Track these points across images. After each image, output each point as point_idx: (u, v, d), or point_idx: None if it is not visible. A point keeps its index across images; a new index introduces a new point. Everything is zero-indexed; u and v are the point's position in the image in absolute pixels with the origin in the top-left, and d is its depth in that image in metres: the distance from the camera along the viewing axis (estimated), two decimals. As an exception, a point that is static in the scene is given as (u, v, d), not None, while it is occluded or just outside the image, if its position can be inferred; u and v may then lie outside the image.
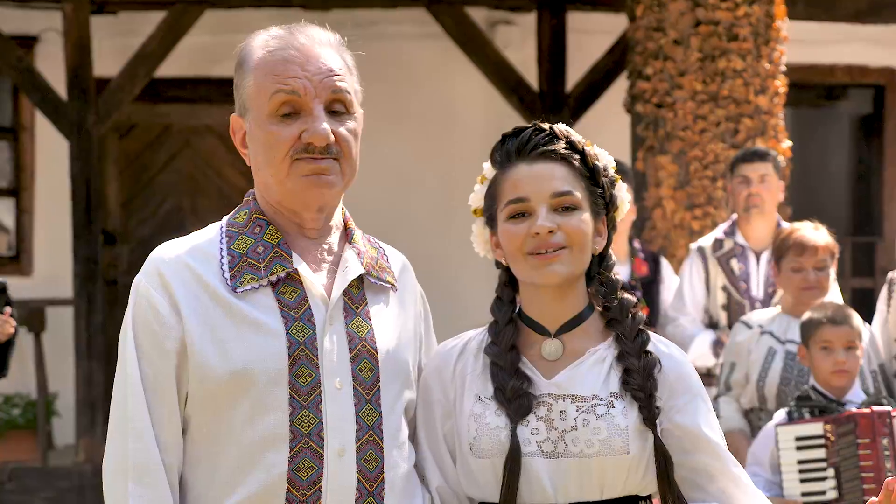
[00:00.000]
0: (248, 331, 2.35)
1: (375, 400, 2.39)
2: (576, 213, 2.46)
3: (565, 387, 2.45)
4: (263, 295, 2.38)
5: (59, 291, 9.07)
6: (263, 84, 2.40)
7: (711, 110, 6.89)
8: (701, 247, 6.05)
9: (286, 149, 2.38)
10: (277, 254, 2.41)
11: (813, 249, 4.96)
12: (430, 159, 9.48)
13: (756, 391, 4.96)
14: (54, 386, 9.02)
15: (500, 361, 2.48)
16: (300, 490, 2.31)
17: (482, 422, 2.44)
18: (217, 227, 2.48)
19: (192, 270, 2.39)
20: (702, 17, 6.91)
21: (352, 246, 2.49)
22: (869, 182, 10.58)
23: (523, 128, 2.53)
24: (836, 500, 4.22)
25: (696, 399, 2.51)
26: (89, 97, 8.22)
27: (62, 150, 8.75)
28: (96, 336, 8.24)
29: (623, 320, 2.51)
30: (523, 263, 2.47)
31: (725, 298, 5.93)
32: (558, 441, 2.42)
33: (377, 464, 2.37)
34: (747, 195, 5.89)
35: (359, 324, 2.43)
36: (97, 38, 8.52)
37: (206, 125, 9.88)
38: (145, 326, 2.37)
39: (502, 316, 2.54)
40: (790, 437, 4.33)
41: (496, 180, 2.53)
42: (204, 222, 9.34)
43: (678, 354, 2.55)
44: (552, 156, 2.48)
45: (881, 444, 4.12)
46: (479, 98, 9.64)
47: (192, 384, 2.36)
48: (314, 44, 2.43)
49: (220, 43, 9.51)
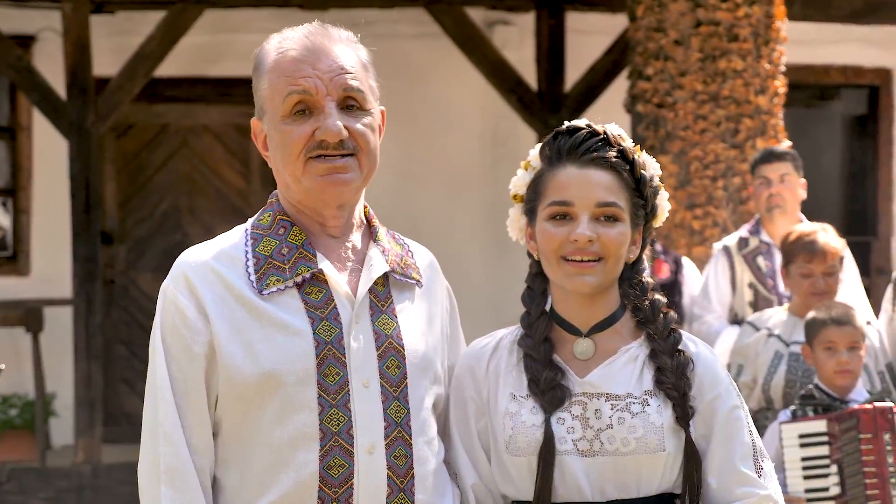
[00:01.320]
0: (276, 332, 2.36)
1: (403, 397, 2.41)
2: (617, 224, 2.46)
3: (599, 385, 2.46)
4: (289, 296, 2.40)
5: (57, 291, 9.07)
6: (277, 85, 2.42)
7: (712, 110, 6.90)
8: (726, 245, 6.04)
9: (300, 147, 2.40)
10: (302, 254, 2.42)
11: (822, 255, 4.96)
12: (429, 159, 9.50)
13: (762, 393, 4.98)
14: (52, 386, 9.01)
15: (534, 353, 2.49)
16: (332, 488, 2.33)
17: (518, 420, 2.45)
18: (242, 230, 2.50)
19: (219, 274, 2.41)
20: (702, 18, 6.93)
21: (376, 244, 2.51)
22: (863, 182, 10.61)
23: (577, 127, 2.52)
24: (839, 495, 4.23)
25: (724, 397, 2.52)
26: (89, 97, 8.21)
27: (60, 149, 8.75)
28: (95, 336, 8.23)
29: (655, 320, 2.51)
30: (556, 267, 2.48)
31: (752, 295, 5.93)
32: (594, 439, 2.43)
33: (407, 460, 2.39)
34: (768, 196, 5.89)
35: (385, 321, 2.44)
36: (95, 38, 8.52)
37: (203, 125, 9.88)
38: (174, 331, 2.39)
39: (535, 307, 2.55)
40: (794, 434, 4.35)
41: (542, 176, 2.52)
42: (201, 222, 9.36)
43: (707, 353, 2.56)
44: (602, 163, 2.47)
45: (883, 439, 4.14)
46: (477, 98, 9.66)
47: (221, 386, 2.37)
48: (327, 42, 2.44)
49: (218, 43, 9.54)
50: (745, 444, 2.49)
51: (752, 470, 2.47)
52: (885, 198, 10.46)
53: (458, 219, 9.72)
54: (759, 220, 6.02)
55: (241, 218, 10.35)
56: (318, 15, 9.38)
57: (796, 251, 5.03)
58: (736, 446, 2.48)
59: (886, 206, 10.46)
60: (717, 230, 6.86)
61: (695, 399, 2.47)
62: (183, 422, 2.35)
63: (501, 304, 8.71)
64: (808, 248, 4.99)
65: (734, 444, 2.48)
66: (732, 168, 6.91)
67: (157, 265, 9.74)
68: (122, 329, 9.61)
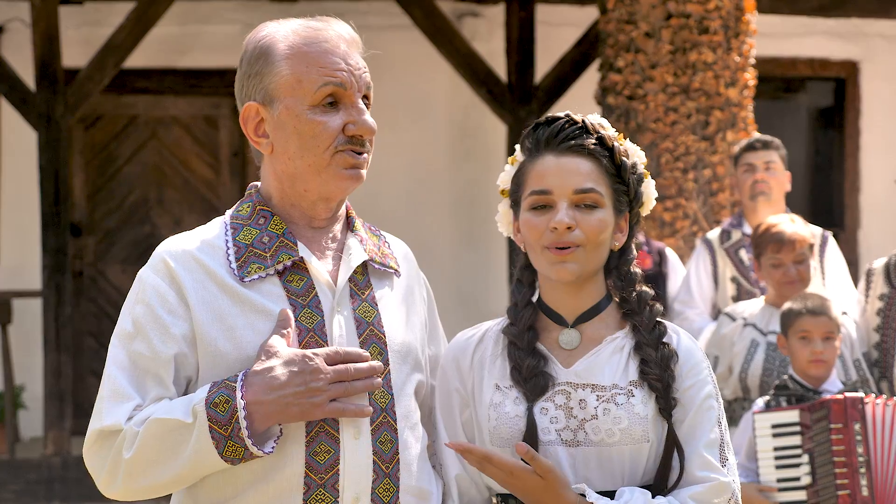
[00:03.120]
0: (257, 318, 2.37)
1: (386, 383, 2.43)
2: (596, 210, 2.47)
3: (584, 376, 2.47)
4: (271, 284, 2.41)
5: (26, 283, 9.03)
6: (307, 74, 2.41)
7: (682, 102, 6.93)
8: (708, 239, 6.00)
9: (331, 140, 2.41)
10: (283, 243, 2.44)
11: (790, 244, 5.01)
12: (399, 150, 9.50)
13: (739, 382, 5.01)
14: (21, 378, 8.97)
15: (518, 341, 2.50)
16: (318, 474, 2.34)
17: (501, 410, 2.46)
18: (220, 222, 2.51)
19: (200, 262, 2.41)
20: (673, 10, 6.96)
21: (354, 234, 2.53)
22: (829, 174, 10.68)
23: (556, 117, 2.53)
24: (809, 485, 4.26)
25: (700, 386, 2.51)
26: (58, 88, 8.17)
27: (29, 140, 8.71)
28: (64, 328, 8.19)
29: (641, 312, 2.52)
30: (540, 256, 2.49)
31: (735, 289, 5.87)
32: (578, 429, 2.43)
33: (392, 445, 2.40)
34: (753, 182, 5.83)
35: (366, 309, 2.46)
36: (63, 29, 8.47)
37: (172, 116, 9.85)
38: (148, 313, 2.38)
39: (521, 298, 2.55)
40: (767, 424, 4.38)
41: (523, 167, 2.54)
42: (170, 213, 9.30)
43: (689, 342, 2.56)
44: (580, 150, 2.48)
45: (853, 429, 4.17)
46: (446, 89, 9.67)
47: (203, 370, 2.37)
48: (348, 39, 2.47)
49: (187, 34, 9.51)
50: (714, 432, 2.49)
51: (716, 458, 2.47)
52: (852, 190, 10.53)
53: (426, 210, 9.73)
54: (741, 212, 5.98)
55: (210, 209, 10.28)
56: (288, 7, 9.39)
57: (765, 242, 5.07)
58: (704, 433, 2.48)
59: (852, 198, 10.53)
60: (687, 222, 6.89)
61: (676, 391, 2.48)
62: (135, 387, 2.34)
63: (470, 295, 8.75)
64: (776, 239, 5.03)
65: (702, 432, 2.48)
66: (703, 160, 6.94)
67: (126, 257, 9.71)
68: (91, 321, 9.57)
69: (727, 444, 2.51)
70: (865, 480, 4.13)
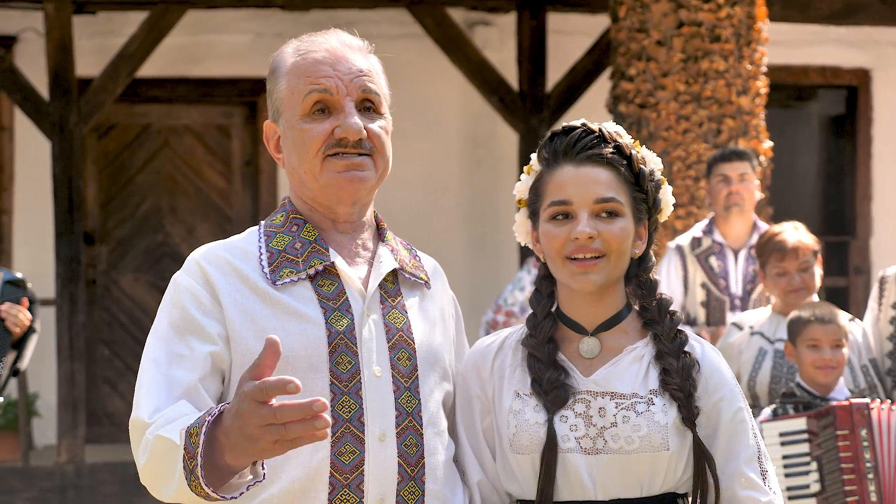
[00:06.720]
0: (288, 320, 2.41)
1: (414, 388, 2.45)
2: (617, 219, 2.47)
3: (604, 384, 2.47)
4: (302, 287, 2.44)
5: (40, 291, 9.01)
6: (297, 86, 2.47)
7: (694, 111, 6.94)
8: (679, 245, 6.11)
9: (319, 144, 2.45)
10: (315, 249, 2.48)
11: (794, 252, 5.03)
12: (411, 159, 9.50)
13: (747, 390, 5.02)
14: (35, 386, 8.99)
15: (538, 353, 2.50)
16: (343, 474, 2.36)
17: (521, 418, 2.47)
18: (254, 230, 2.56)
19: (232, 265, 2.45)
20: (684, 19, 6.97)
21: (384, 243, 2.57)
22: (840, 182, 10.67)
23: (573, 127, 2.53)
24: (819, 492, 4.26)
25: (729, 399, 2.51)
26: (71, 97, 8.22)
27: (42, 150, 8.74)
28: (77, 336, 8.22)
29: (661, 321, 2.52)
30: (561, 267, 2.49)
31: (705, 295, 5.99)
32: (597, 437, 2.44)
33: (417, 449, 2.42)
34: (727, 194, 5.98)
35: (395, 316, 2.49)
36: (77, 38, 8.51)
37: (184, 125, 9.88)
38: (184, 315, 2.41)
39: (541, 309, 2.55)
40: (774, 433, 4.38)
41: (541, 178, 2.54)
42: (182, 222, 9.36)
43: (713, 354, 2.56)
44: (598, 159, 2.48)
45: (860, 434, 4.16)
46: (458, 98, 9.69)
47: (234, 370, 2.40)
48: (344, 47, 2.50)
49: (200, 43, 9.54)
50: (750, 446, 2.49)
51: (756, 473, 2.47)
52: (863, 198, 10.52)
53: (437, 218, 9.74)
54: (712, 219, 6.11)
55: (222, 218, 10.32)
56: (300, 16, 9.44)
57: (768, 251, 5.09)
58: (740, 449, 2.48)
59: (864, 206, 10.52)
60: (699, 230, 6.90)
61: (700, 399, 2.48)
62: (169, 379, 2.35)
63: (482, 304, 8.74)
64: (779, 247, 5.05)
65: (739, 447, 2.49)
66: (715, 168, 6.94)
67: (139, 265, 9.74)
68: (105, 329, 9.60)
69: (764, 455, 2.51)
70: (874, 486, 4.13)
